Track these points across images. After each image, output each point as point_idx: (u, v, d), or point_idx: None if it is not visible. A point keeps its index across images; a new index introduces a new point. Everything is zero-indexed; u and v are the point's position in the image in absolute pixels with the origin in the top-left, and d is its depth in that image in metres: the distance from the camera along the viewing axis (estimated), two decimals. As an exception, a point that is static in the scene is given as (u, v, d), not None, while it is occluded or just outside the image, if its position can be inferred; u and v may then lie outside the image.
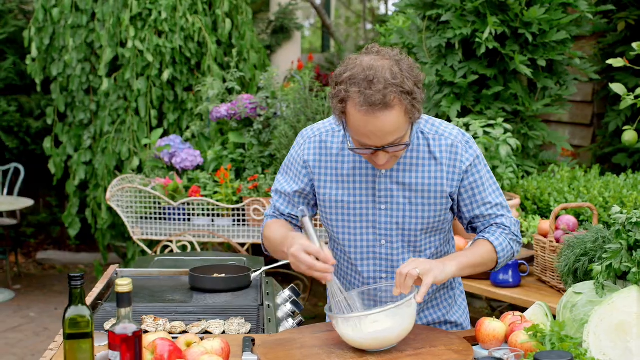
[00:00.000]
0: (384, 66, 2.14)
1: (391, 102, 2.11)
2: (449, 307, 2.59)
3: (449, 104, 4.82)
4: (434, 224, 2.41)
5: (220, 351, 2.09)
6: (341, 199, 2.41)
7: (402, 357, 2.12)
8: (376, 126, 2.13)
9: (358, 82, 2.13)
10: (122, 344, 1.76)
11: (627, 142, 4.04)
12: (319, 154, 2.44)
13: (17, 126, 7.68)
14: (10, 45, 7.78)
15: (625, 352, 1.95)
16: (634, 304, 1.98)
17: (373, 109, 2.11)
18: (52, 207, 8.36)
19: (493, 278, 3.53)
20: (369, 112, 2.11)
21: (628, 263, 2.01)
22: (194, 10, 6.49)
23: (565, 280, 2.42)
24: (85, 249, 8.34)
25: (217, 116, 5.63)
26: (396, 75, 2.13)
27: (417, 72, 2.21)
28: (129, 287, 1.78)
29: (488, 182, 2.42)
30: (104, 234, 6.60)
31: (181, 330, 2.52)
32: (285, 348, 2.19)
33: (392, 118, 2.13)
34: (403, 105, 2.14)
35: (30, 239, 8.41)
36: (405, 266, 2.16)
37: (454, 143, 2.37)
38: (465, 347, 2.17)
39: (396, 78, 2.13)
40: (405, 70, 2.17)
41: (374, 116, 2.12)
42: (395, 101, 2.12)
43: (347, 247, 2.45)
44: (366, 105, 2.11)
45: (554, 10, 4.73)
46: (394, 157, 2.28)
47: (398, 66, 2.16)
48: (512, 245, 2.41)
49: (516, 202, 4.32)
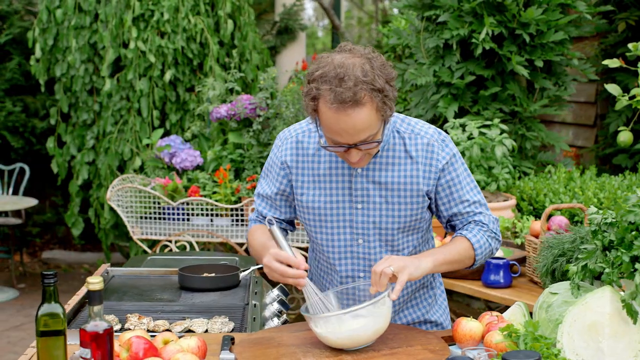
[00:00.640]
0: (355, 64, 2.16)
1: (362, 99, 2.12)
2: (429, 306, 2.59)
3: (446, 104, 4.82)
4: (411, 223, 2.41)
5: (197, 349, 2.11)
6: (318, 199, 2.42)
7: (377, 356, 2.13)
8: (347, 123, 2.14)
9: (329, 80, 2.14)
10: (93, 341, 1.78)
11: (622, 143, 4.03)
12: (296, 154, 2.45)
13: (22, 126, 7.74)
14: (16, 46, 7.83)
15: (598, 353, 1.95)
16: (606, 304, 1.98)
17: (344, 106, 2.12)
18: (57, 206, 8.41)
19: (484, 278, 3.53)
20: (340, 110, 2.13)
21: (602, 263, 2.01)
22: (196, 11, 6.52)
23: (544, 281, 2.42)
24: (90, 249, 8.38)
25: (217, 116, 5.65)
26: (367, 73, 2.14)
27: (389, 70, 2.22)
28: (100, 285, 1.79)
29: (465, 180, 2.42)
30: (106, 234, 6.64)
31: (164, 329, 2.53)
32: (263, 346, 2.20)
33: (363, 115, 2.14)
34: (374, 103, 2.15)
35: (35, 239, 8.46)
36: (380, 264, 2.17)
37: (430, 142, 2.38)
38: (441, 347, 2.17)
39: (367, 75, 2.14)
40: (377, 67, 2.18)
41: (345, 113, 2.13)
42: (366, 98, 2.14)
43: (325, 246, 2.46)
44: (337, 102, 2.12)
45: (551, 11, 4.72)
46: (368, 155, 2.29)
47: (369, 64, 2.17)
48: (490, 242, 2.42)
49: (512, 203, 4.32)
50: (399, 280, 2.15)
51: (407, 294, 2.53)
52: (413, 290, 2.54)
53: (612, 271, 1.97)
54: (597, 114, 6.19)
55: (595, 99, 6.11)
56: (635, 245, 1.93)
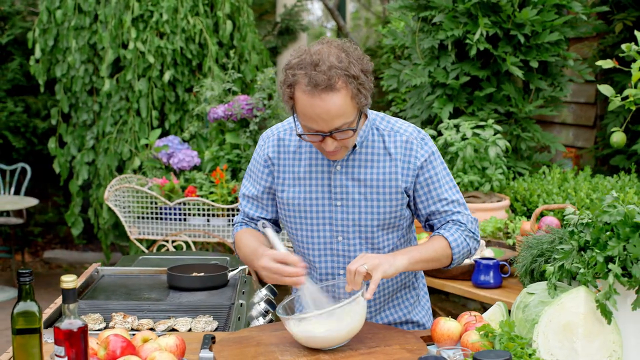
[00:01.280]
0: (331, 52, 2.20)
1: (336, 84, 2.16)
2: (411, 306, 2.60)
3: (441, 105, 4.82)
4: (390, 220, 2.42)
5: (175, 348, 2.12)
6: (298, 196, 2.44)
7: (355, 355, 2.14)
8: (322, 108, 2.17)
9: (304, 66, 2.18)
10: (67, 339, 1.79)
11: (615, 144, 4.03)
12: (278, 151, 2.48)
13: (23, 126, 7.77)
14: (18, 47, 7.87)
15: (571, 353, 1.96)
16: (581, 304, 1.98)
17: (318, 90, 2.15)
18: (59, 206, 8.45)
19: (475, 279, 3.54)
20: (314, 94, 2.16)
21: (578, 264, 2.01)
22: (195, 12, 6.53)
23: (523, 281, 2.43)
24: (92, 249, 8.41)
25: (214, 117, 5.67)
26: (342, 60, 2.18)
27: (365, 61, 2.26)
28: (73, 283, 1.81)
29: (444, 179, 2.43)
30: (106, 234, 6.67)
31: (148, 328, 2.55)
32: (242, 345, 2.22)
33: (338, 101, 2.17)
34: (349, 90, 2.18)
35: (37, 238, 8.49)
36: (354, 262, 2.18)
37: (409, 139, 2.40)
38: (419, 347, 2.18)
39: (342, 62, 2.18)
40: (352, 56, 2.22)
41: (319, 98, 2.16)
42: (341, 84, 2.17)
43: (305, 243, 2.48)
44: (311, 85, 2.16)
45: (546, 12, 4.72)
46: (344, 148, 2.31)
47: (345, 53, 2.22)
48: (468, 241, 2.42)
49: (505, 204, 4.32)
50: (373, 278, 2.16)
51: (387, 293, 2.53)
52: (394, 290, 2.55)
53: (587, 271, 1.98)
54: (597, 115, 6.18)
55: (595, 99, 6.10)
56: (610, 245, 1.94)
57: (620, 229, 1.95)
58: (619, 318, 2.00)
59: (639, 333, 2.02)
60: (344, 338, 2.17)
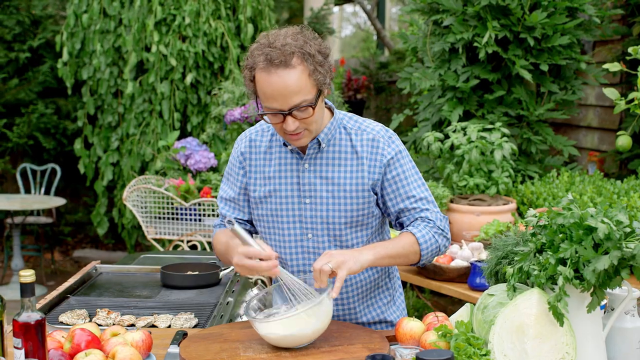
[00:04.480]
0: (287, 33, 2.28)
1: (291, 60, 2.22)
2: (385, 306, 2.62)
3: (451, 108, 4.82)
4: (358, 218, 2.45)
5: (141, 342, 2.18)
6: (269, 194, 2.49)
7: (316, 353, 2.17)
8: (279, 84, 2.22)
9: (262, 47, 2.25)
10: (24, 332, 1.86)
11: (620, 147, 4.00)
12: (250, 152, 2.54)
13: (54, 128, 7.95)
14: (49, 50, 8.05)
15: (522, 354, 1.96)
16: (533, 305, 1.99)
17: (274, 65, 2.21)
18: (89, 206, 8.62)
19: (470, 281, 3.55)
20: (271, 70, 2.22)
21: (535, 265, 2.02)
22: (217, 15, 6.63)
23: (489, 283, 2.43)
24: (120, 248, 8.56)
25: (231, 119, 5.74)
26: (297, 39, 2.26)
27: (324, 44, 2.33)
28: (31, 277, 1.88)
29: (413, 177, 2.45)
30: (130, 233, 6.79)
31: (129, 324, 2.62)
32: (208, 341, 2.27)
33: (294, 76, 2.22)
34: (305, 67, 2.24)
35: (67, 238, 8.67)
36: (319, 261, 2.21)
37: (376, 137, 2.43)
38: (381, 346, 2.20)
39: (297, 40, 2.25)
40: (309, 38, 2.29)
41: (276, 74, 2.21)
42: (296, 60, 2.23)
43: (276, 241, 2.52)
44: (267, 62, 2.22)
45: (558, 15, 4.70)
46: (307, 131, 2.34)
47: (301, 34, 2.29)
48: (437, 238, 2.44)
49: (512, 207, 4.31)
50: (338, 276, 2.19)
51: (361, 293, 2.56)
52: (368, 290, 2.58)
53: (540, 273, 1.99)
54: (622, 119, 6.11)
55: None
56: (562, 247, 1.94)
57: (573, 232, 1.96)
58: (575, 320, 2.00)
59: (596, 335, 2.02)
60: (309, 338, 2.20)
